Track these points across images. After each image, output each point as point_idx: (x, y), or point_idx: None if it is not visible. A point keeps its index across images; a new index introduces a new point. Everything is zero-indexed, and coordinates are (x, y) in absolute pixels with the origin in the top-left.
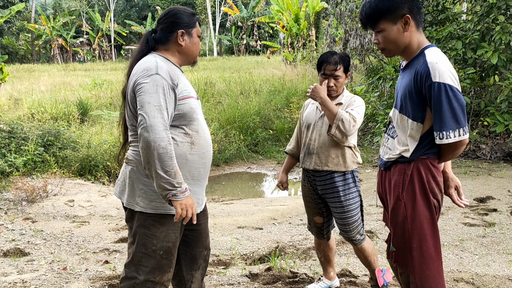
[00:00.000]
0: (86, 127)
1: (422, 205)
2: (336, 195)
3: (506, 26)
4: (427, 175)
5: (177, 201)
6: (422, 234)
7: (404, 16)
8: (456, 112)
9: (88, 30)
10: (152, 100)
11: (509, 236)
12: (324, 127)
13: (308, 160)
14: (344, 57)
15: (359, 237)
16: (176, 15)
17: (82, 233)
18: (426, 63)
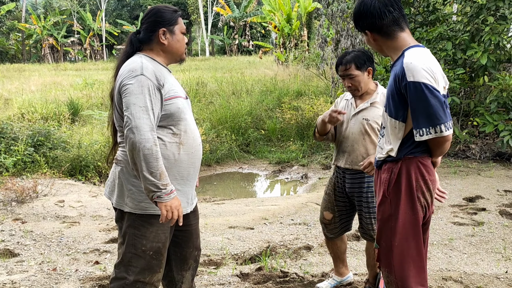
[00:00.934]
0: (77, 127)
1: (405, 204)
2: (364, 195)
3: (495, 27)
4: (416, 173)
5: (162, 202)
6: (404, 233)
7: (365, 31)
8: (434, 109)
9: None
10: (138, 101)
11: (498, 235)
12: (357, 126)
13: (341, 157)
14: (356, 55)
15: None
16: (157, 14)
17: (72, 233)
18: (402, 64)
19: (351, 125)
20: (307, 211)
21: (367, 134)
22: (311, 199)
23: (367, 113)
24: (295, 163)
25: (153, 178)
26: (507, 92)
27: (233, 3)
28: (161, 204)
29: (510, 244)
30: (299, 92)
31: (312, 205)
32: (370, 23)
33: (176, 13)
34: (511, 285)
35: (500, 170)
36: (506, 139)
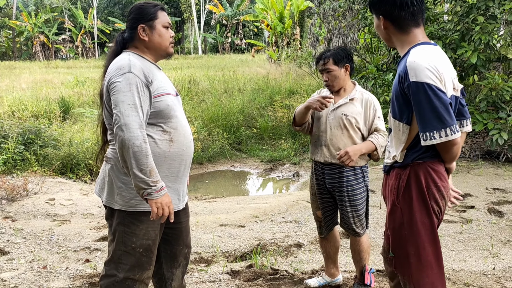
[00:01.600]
0: (68, 125)
1: (419, 211)
2: (344, 189)
3: (485, 26)
4: (426, 180)
5: (152, 199)
6: (420, 240)
7: (380, 16)
8: (438, 111)
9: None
10: (126, 99)
11: (486, 232)
12: (335, 121)
13: (319, 152)
14: (335, 51)
15: (361, 229)
16: (136, 11)
17: (63, 231)
18: (405, 63)
19: (330, 120)
20: (298, 209)
21: (345, 128)
22: (302, 197)
23: (346, 108)
24: (286, 162)
25: (143, 175)
26: (497, 91)
27: (226, 1)
28: (151, 201)
29: (497, 241)
30: (291, 90)
31: (303, 203)
32: (387, 10)
33: (155, 7)
34: (498, 281)
35: (489, 168)
36: (495, 138)
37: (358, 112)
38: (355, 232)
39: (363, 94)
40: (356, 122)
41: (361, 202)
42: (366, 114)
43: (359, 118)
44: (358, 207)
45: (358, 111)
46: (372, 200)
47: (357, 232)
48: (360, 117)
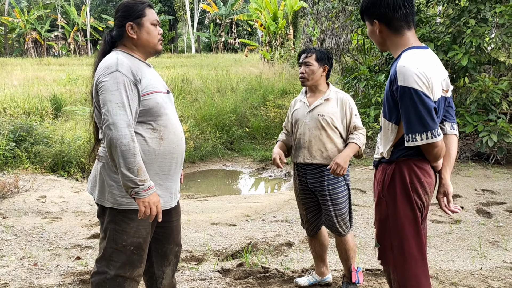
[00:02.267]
0: (60, 122)
1: (403, 204)
2: (325, 188)
3: (476, 30)
4: (410, 175)
5: (140, 198)
6: (403, 233)
7: (373, 21)
8: (422, 115)
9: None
10: (114, 98)
11: (474, 233)
12: (313, 122)
13: (299, 154)
14: (320, 49)
15: (345, 229)
16: (124, 8)
17: (54, 229)
18: (396, 67)
19: (307, 122)
20: (289, 208)
21: (323, 129)
22: (293, 196)
23: (322, 108)
24: None
25: (131, 174)
26: (487, 93)
27: (220, 0)
28: (139, 200)
29: (485, 242)
30: (284, 90)
31: (294, 202)
32: (382, 13)
33: (143, 4)
34: (485, 281)
35: (479, 170)
36: (485, 140)
37: (334, 112)
38: (339, 232)
39: (337, 94)
40: (333, 121)
41: (343, 201)
42: (343, 113)
43: (335, 118)
44: (340, 206)
45: (334, 110)
46: (363, 200)
47: (341, 231)
48: (337, 116)
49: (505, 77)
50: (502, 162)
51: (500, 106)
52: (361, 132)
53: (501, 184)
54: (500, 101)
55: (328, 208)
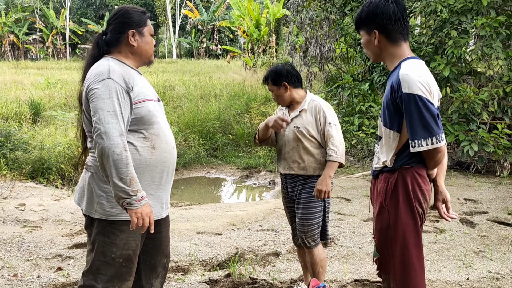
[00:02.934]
0: (39, 128)
1: (405, 213)
2: (298, 197)
3: (458, 41)
4: (412, 183)
5: (132, 209)
6: (405, 242)
7: (373, 31)
8: (427, 121)
9: (42, 27)
10: (106, 106)
11: (459, 242)
12: (291, 134)
13: (281, 164)
14: (271, 71)
15: (311, 241)
16: (125, 15)
17: (34, 238)
18: (398, 75)
19: (286, 134)
20: (275, 217)
21: (299, 141)
22: (279, 205)
23: (297, 121)
24: (262, 169)
25: (123, 184)
26: (468, 103)
27: (202, 6)
28: (131, 211)
29: (470, 252)
30: (267, 98)
31: (280, 211)
32: (383, 24)
33: (144, 14)
34: None
35: (461, 179)
36: (466, 149)
37: (309, 122)
38: (304, 243)
39: (312, 102)
40: (308, 132)
41: (315, 212)
42: (317, 121)
43: (311, 128)
44: (310, 216)
45: (309, 120)
46: (348, 209)
47: (306, 243)
48: (312, 126)
49: (486, 87)
50: (482, 171)
51: (480, 116)
52: (337, 141)
53: (483, 193)
54: (480, 111)
55: (299, 215)
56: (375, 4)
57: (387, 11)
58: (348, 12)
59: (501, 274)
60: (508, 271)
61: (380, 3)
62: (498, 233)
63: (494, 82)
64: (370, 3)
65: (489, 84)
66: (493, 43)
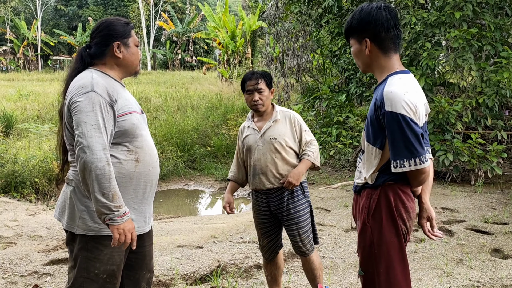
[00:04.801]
0: (12, 141)
1: (388, 230)
2: (286, 209)
3: (432, 53)
4: (395, 200)
5: (114, 225)
6: (389, 259)
7: (364, 39)
8: (410, 141)
9: (13, 38)
10: (89, 119)
11: (438, 251)
12: (266, 146)
13: (257, 180)
14: (264, 73)
15: (309, 247)
16: (109, 27)
17: (8, 255)
18: (382, 92)
19: (259, 147)
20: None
21: (277, 151)
22: None
23: (272, 131)
24: None
25: (105, 200)
26: (443, 114)
27: (177, 18)
28: (113, 227)
29: (450, 260)
30: (244, 109)
31: None
32: (375, 32)
33: (128, 25)
34: None
35: (437, 188)
36: (442, 159)
37: (285, 132)
38: (303, 252)
39: (284, 113)
40: (286, 142)
41: (305, 219)
42: (293, 131)
43: (288, 138)
44: (303, 224)
45: (285, 130)
46: (329, 219)
47: (305, 251)
48: (288, 136)
49: (459, 98)
50: (457, 181)
51: (455, 126)
52: (313, 145)
53: (459, 202)
54: (454, 122)
55: (292, 228)
56: (367, 11)
57: (379, 19)
58: (324, 24)
59: (482, 282)
60: (488, 279)
61: (372, 10)
62: (476, 241)
63: (467, 93)
64: (362, 10)
65: (462, 94)
66: (465, 54)
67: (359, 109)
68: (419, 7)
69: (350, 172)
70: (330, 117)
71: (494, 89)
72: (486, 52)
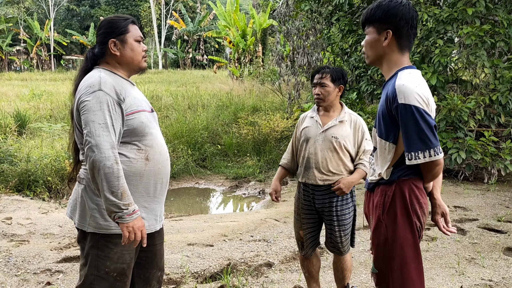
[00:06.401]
0: (25, 140)
1: (403, 227)
2: (333, 209)
3: (444, 50)
4: (410, 196)
5: (123, 223)
6: (403, 256)
7: (386, 30)
8: (424, 132)
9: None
10: (97, 118)
11: (450, 250)
12: (326, 143)
13: (308, 174)
14: (335, 69)
15: (346, 249)
16: (106, 25)
17: (22, 253)
18: (394, 85)
19: (319, 142)
20: (266, 227)
21: (335, 151)
22: (270, 215)
23: (336, 130)
24: (252, 179)
25: (114, 198)
26: (455, 111)
27: (188, 17)
28: (122, 225)
29: (462, 259)
30: (255, 107)
31: (271, 221)
32: (399, 26)
33: (126, 21)
34: None
35: (449, 187)
36: (454, 157)
37: (348, 134)
38: (340, 251)
39: (351, 116)
40: (345, 144)
41: (349, 222)
42: (355, 136)
43: (348, 140)
44: (345, 226)
45: (348, 133)
46: None
47: (342, 251)
48: (350, 139)
49: (472, 95)
50: (470, 179)
51: (467, 124)
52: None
53: (472, 200)
54: (467, 119)
55: (334, 228)
56: (395, 4)
57: (406, 14)
58: (334, 22)
59: (494, 281)
60: (500, 278)
61: (401, 5)
62: (489, 240)
63: (480, 90)
64: (391, 1)
65: (475, 92)
66: (478, 51)
67: (370, 107)
68: (431, 3)
69: None
70: None
71: (507, 86)
72: (499, 49)
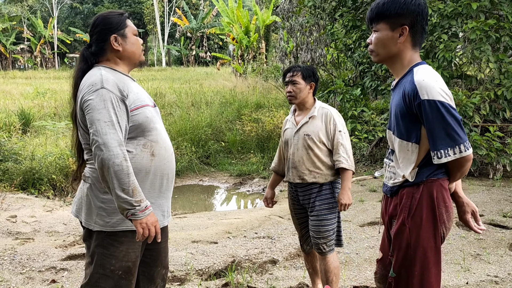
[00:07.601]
0: (29, 138)
1: (427, 232)
2: (312, 205)
3: (448, 45)
4: (438, 198)
5: (137, 220)
6: (425, 262)
7: (402, 26)
8: (452, 128)
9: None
10: (102, 117)
11: (456, 246)
12: (300, 142)
13: (290, 173)
14: (305, 67)
15: (326, 248)
16: (103, 21)
17: (26, 250)
18: (413, 82)
19: (294, 142)
20: (270, 224)
21: (310, 148)
22: (274, 212)
23: (307, 128)
24: (256, 176)
25: (126, 195)
26: (460, 107)
27: (191, 14)
28: (136, 222)
29: (468, 255)
30: (259, 104)
31: (275, 218)
32: (416, 22)
33: (122, 15)
34: None
35: None
36: None
37: (319, 129)
38: (321, 249)
39: (322, 109)
40: (319, 139)
41: (330, 219)
42: (327, 128)
43: (322, 134)
44: (325, 222)
45: (319, 127)
46: (343, 214)
47: (322, 249)
48: (322, 132)
49: (477, 91)
50: (475, 174)
51: (472, 119)
52: (347, 151)
53: (477, 196)
54: (472, 115)
55: (314, 223)
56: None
57: (423, 10)
58: (338, 18)
59: (500, 277)
60: (506, 274)
61: (417, 0)
62: (494, 236)
63: (485, 85)
64: None
65: (480, 87)
66: (483, 46)
67: (374, 103)
68: None
69: (365, 167)
70: (345, 111)
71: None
72: (504, 44)
